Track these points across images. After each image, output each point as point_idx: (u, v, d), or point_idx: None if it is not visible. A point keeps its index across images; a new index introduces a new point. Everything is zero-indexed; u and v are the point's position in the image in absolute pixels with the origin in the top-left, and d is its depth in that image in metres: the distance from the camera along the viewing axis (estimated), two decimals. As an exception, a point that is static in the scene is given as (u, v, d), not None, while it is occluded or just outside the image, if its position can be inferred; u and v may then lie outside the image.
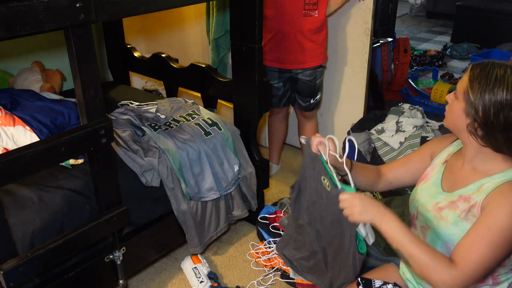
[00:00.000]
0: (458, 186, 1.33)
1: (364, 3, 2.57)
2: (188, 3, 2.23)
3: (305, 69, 2.56)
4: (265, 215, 2.39)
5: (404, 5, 7.45)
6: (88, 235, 1.56)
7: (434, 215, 1.36)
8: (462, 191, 1.30)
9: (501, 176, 1.23)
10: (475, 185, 1.27)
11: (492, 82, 1.17)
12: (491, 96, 1.16)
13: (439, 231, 1.33)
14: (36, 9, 1.19)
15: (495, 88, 1.16)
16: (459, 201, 1.29)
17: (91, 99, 1.43)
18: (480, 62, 1.23)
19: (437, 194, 1.37)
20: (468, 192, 1.28)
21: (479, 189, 1.25)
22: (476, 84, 1.18)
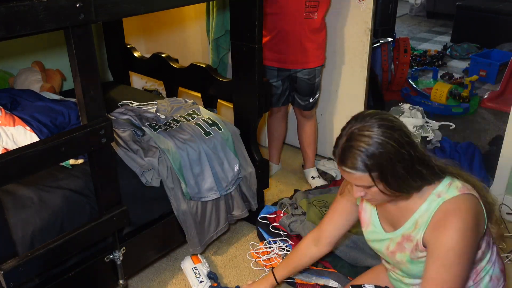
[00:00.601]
0: (396, 225, 1.39)
1: (364, 3, 2.57)
2: (188, 3, 2.23)
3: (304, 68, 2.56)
4: (265, 215, 2.39)
5: (404, 5, 7.45)
6: (88, 235, 1.56)
7: (392, 260, 1.43)
8: (402, 229, 1.36)
9: (426, 206, 1.29)
10: (410, 222, 1.33)
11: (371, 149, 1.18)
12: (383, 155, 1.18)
13: (407, 272, 1.40)
14: (36, 9, 1.19)
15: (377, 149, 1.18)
16: (404, 242, 1.35)
17: (91, 99, 1.43)
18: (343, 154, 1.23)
19: (383, 238, 1.43)
20: (408, 231, 1.34)
21: (415, 226, 1.31)
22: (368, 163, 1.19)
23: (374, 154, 1.17)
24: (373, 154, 1.17)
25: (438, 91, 3.80)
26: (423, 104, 3.74)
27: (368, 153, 1.18)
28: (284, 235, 2.26)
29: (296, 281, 2.04)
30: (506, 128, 2.35)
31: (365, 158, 1.18)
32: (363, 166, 1.19)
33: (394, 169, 1.19)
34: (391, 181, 1.21)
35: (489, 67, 4.43)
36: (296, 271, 1.80)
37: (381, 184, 1.21)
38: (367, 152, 1.18)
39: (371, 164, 1.18)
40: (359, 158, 1.18)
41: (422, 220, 1.29)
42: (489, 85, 4.40)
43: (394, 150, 1.18)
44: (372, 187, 1.24)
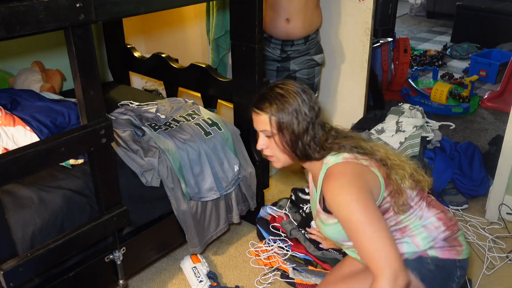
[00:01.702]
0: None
1: (364, 3, 2.57)
2: (188, 3, 2.23)
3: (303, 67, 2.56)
4: (265, 215, 2.39)
5: (404, 5, 7.45)
6: (88, 235, 1.56)
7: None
8: (314, 196, 1.50)
9: (321, 174, 1.38)
10: (314, 190, 1.48)
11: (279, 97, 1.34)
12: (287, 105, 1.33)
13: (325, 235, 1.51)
14: (36, 9, 1.19)
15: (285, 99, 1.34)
16: (317, 205, 1.46)
17: (91, 99, 1.43)
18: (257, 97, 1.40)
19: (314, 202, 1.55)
20: (318, 196, 1.45)
21: (317, 193, 1.44)
22: (274, 107, 1.34)
23: (279, 101, 1.33)
24: (279, 101, 1.33)
25: (438, 91, 3.80)
26: (423, 104, 3.74)
27: (275, 98, 1.33)
28: (284, 236, 2.27)
29: (296, 281, 2.04)
30: (506, 128, 2.35)
31: (271, 102, 1.33)
32: (267, 109, 1.34)
33: (290, 123, 1.32)
34: (285, 134, 1.33)
35: (489, 67, 4.43)
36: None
37: (277, 134, 1.34)
38: (275, 97, 1.34)
39: (274, 109, 1.33)
40: (267, 100, 1.34)
41: (319, 185, 1.39)
42: (489, 85, 4.40)
43: (299, 107, 1.33)
44: (272, 136, 1.36)
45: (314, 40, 2.57)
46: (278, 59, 2.60)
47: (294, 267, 2.09)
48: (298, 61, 2.59)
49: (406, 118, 2.56)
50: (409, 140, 2.46)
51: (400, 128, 2.52)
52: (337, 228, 1.36)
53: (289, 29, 2.50)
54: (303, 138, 1.34)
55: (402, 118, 2.56)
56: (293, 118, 1.32)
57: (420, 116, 2.61)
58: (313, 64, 2.59)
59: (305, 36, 2.54)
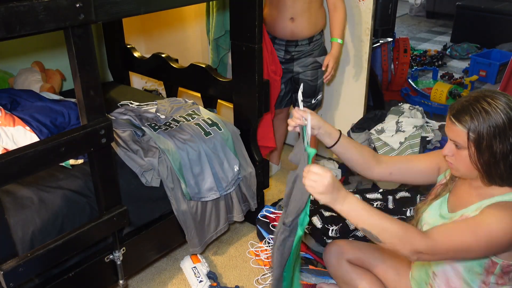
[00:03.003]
0: (461, 206, 1.36)
1: (364, 3, 2.57)
2: (188, 3, 2.22)
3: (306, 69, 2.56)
4: (265, 215, 2.39)
5: (404, 5, 7.45)
6: (88, 235, 1.56)
7: None
8: (464, 211, 1.33)
9: (502, 197, 1.27)
10: (476, 205, 1.30)
11: (483, 113, 1.21)
12: (490, 124, 1.20)
13: None
14: (36, 9, 1.19)
15: (489, 116, 1.20)
16: (459, 220, 1.32)
17: (91, 99, 1.43)
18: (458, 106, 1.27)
19: (444, 215, 1.40)
20: (468, 212, 1.31)
21: (477, 209, 1.28)
22: (475, 123, 1.22)
23: (482, 117, 1.20)
24: (482, 117, 1.21)
25: (438, 91, 3.80)
26: (423, 104, 3.74)
27: (478, 114, 1.21)
28: (284, 235, 2.26)
29: (296, 281, 2.04)
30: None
31: (473, 116, 1.21)
32: (466, 122, 1.22)
33: (491, 142, 1.21)
34: (483, 152, 1.22)
35: (489, 67, 4.43)
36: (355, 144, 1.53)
37: (473, 149, 1.23)
38: (478, 113, 1.21)
39: (475, 124, 1.21)
40: (469, 114, 1.22)
41: (486, 204, 1.27)
42: (489, 85, 4.40)
43: (503, 126, 1.20)
44: (462, 150, 1.26)
45: (318, 41, 2.57)
46: (282, 60, 2.59)
47: (294, 267, 2.09)
48: (301, 63, 2.59)
49: (406, 118, 2.56)
50: (409, 140, 2.46)
51: (400, 128, 2.52)
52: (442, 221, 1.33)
53: (294, 28, 2.50)
54: (503, 160, 1.22)
55: (402, 118, 2.56)
56: (495, 139, 1.20)
57: (420, 116, 2.61)
58: (316, 66, 2.59)
59: (310, 37, 2.54)
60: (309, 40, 2.54)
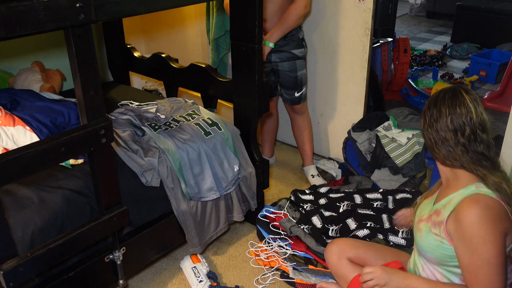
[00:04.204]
0: (437, 200, 1.45)
1: (364, 3, 2.57)
2: (188, 3, 2.22)
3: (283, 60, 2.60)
4: (265, 215, 2.39)
5: (404, 5, 7.45)
6: (88, 235, 1.56)
7: (416, 227, 1.49)
8: (437, 205, 1.42)
9: (463, 191, 1.34)
10: (446, 199, 1.38)
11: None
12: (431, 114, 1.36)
13: (416, 241, 1.47)
14: (36, 9, 1.19)
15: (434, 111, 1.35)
16: (434, 215, 1.41)
17: (91, 99, 1.43)
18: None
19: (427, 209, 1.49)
20: (440, 206, 1.39)
21: (448, 203, 1.36)
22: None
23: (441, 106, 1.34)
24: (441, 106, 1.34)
25: (438, 91, 3.80)
26: (423, 104, 3.74)
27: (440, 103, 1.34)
28: (284, 234, 2.27)
29: (296, 281, 2.04)
30: (506, 128, 2.35)
31: (434, 104, 1.35)
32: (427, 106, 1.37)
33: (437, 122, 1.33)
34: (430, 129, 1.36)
35: (489, 67, 4.43)
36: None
37: (425, 124, 1.37)
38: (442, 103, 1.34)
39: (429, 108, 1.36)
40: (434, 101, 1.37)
41: (453, 202, 1.34)
42: (489, 85, 4.40)
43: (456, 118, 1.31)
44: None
45: (294, 37, 2.58)
46: None
47: (294, 267, 2.09)
48: (278, 54, 2.61)
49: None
50: (417, 137, 2.48)
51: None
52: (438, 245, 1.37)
53: (267, 28, 2.54)
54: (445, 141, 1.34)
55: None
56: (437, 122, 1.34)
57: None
58: (292, 57, 2.60)
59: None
60: (283, 37, 2.56)
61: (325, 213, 2.28)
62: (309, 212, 2.31)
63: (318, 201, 2.43)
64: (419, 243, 1.44)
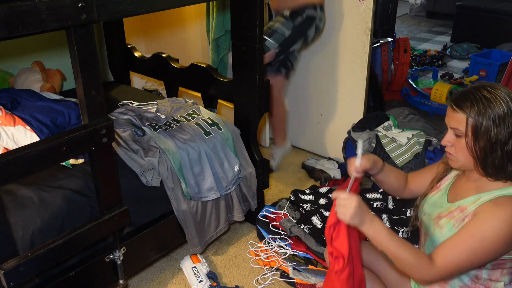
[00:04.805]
0: (459, 197, 1.38)
1: (364, 3, 2.57)
2: (188, 3, 2.22)
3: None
4: (265, 215, 2.39)
5: (404, 5, 7.45)
6: (88, 235, 1.56)
7: (434, 223, 1.42)
8: (461, 202, 1.36)
9: (500, 191, 1.28)
10: (473, 197, 1.33)
11: (484, 100, 1.23)
12: (490, 111, 1.22)
13: (434, 238, 1.40)
14: (39, 8, 1.20)
15: (490, 103, 1.22)
16: (456, 211, 1.36)
17: (92, 98, 1.43)
18: (459, 94, 1.30)
19: (442, 204, 1.43)
20: (466, 203, 1.34)
21: (476, 201, 1.31)
22: (475, 109, 1.23)
23: (483, 105, 1.22)
24: (483, 104, 1.22)
25: (438, 91, 3.80)
26: (423, 104, 3.75)
27: (478, 100, 1.22)
28: (284, 234, 2.27)
29: (295, 281, 2.04)
30: (506, 129, 2.35)
31: (473, 103, 1.23)
32: (467, 109, 1.24)
33: (489, 130, 1.22)
34: (480, 140, 1.23)
35: (489, 67, 4.43)
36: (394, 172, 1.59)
37: (470, 137, 1.25)
38: (478, 99, 1.23)
39: (475, 111, 1.22)
40: (469, 101, 1.24)
41: (486, 199, 1.29)
42: (489, 85, 4.40)
43: (502, 114, 1.21)
44: (462, 138, 1.27)
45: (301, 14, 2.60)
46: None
47: (294, 267, 2.09)
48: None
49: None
50: (417, 137, 2.48)
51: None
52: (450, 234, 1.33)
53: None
54: (500, 149, 1.23)
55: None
56: (494, 125, 1.21)
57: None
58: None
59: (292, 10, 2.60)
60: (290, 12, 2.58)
61: (325, 213, 2.29)
62: (309, 212, 2.31)
63: (318, 201, 2.43)
64: (439, 239, 1.37)
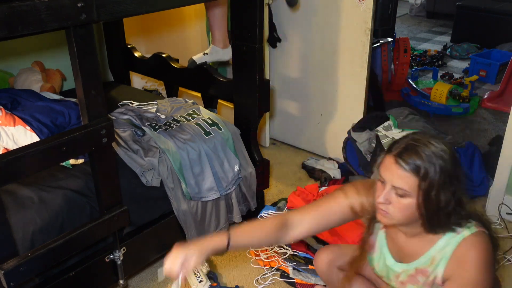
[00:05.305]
0: (409, 258, 1.33)
1: (364, 3, 2.57)
2: (188, 3, 2.23)
3: None
4: (265, 215, 2.39)
5: (404, 5, 7.45)
6: (88, 235, 1.56)
7: (398, 287, 1.37)
8: (416, 263, 1.31)
9: (444, 243, 1.24)
10: (425, 257, 1.28)
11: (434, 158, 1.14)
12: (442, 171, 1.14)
13: None
14: (38, 8, 1.20)
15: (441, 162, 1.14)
16: (417, 275, 1.31)
17: (92, 99, 1.43)
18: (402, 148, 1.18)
19: (392, 265, 1.38)
20: (422, 265, 1.29)
21: (431, 262, 1.27)
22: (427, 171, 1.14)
23: (435, 165, 1.13)
24: (434, 164, 1.13)
25: (438, 91, 3.80)
26: (423, 104, 3.75)
27: (431, 160, 1.13)
28: (284, 235, 2.27)
29: (296, 281, 2.04)
30: (506, 128, 2.35)
31: (426, 163, 1.13)
32: (419, 169, 1.13)
33: (440, 191, 1.15)
34: (430, 201, 1.15)
35: (489, 67, 4.43)
36: (251, 239, 1.44)
37: (421, 198, 1.15)
38: (431, 158, 1.13)
39: (427, 173, 1.13)
40: (421, 159, 1.13)
41: (440, 256, 1.25)
42: (489, 85, 4.40)
43: (452, 172, 1.15)
44: (406, 197, 1.17)
45: None
46: None
47: (294, 267, 2.09)
48: None
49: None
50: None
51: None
52: None
53: None
54: (445, 210, 1.17)
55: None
56: (443, 187, 1.14)
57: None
58: None
59: None
60: None
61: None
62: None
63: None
64: None
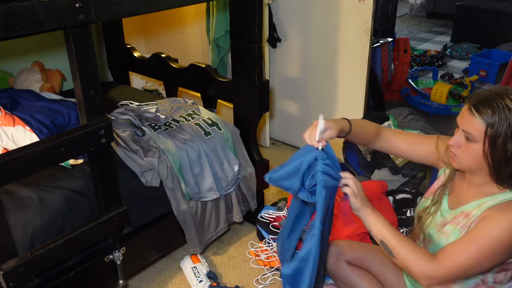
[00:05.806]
0: (461, 203, 1.36)
1: (364, 3, 2.57)
2: (188, 3, 2.22)
3: None
4: (265, 215, 2.39)
5: (404, 5, 7.44)
6: (88, 235, 1.56)
7: (437, 230, 1.40)
8: (464, 207, 1.33)
9: (503, 195, 1.26)
10: (476, 202, 1.31)
11: (506, 110, 1.18)
12: (511, 122, 1.18)
13: (440, 244, 1.37)
14: (36, 9, 1.20)
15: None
16: (460, 217, 1.33)
17: (91, 99, 1.43)
18: (480, 98, 1.23)
19: (443, 212, 1.41)
20: (469, 208, 1.31)
21: (479, 206, 1.29)
22: (496, 118, 1.19)
23: (505, 114, 1.17)
24: (505, 113, 1.17)
25: (438, 91, 3.80)
26: (423, 104, 3.74)
27: (500, 109, 1.18)
28: (284, 235, 2.27)
29: (296, 281, 2.04)
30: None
31: (495, 111, 1.18)
32: (487, 116, 1.19)
33: (506, 142, 1.18)
34: (497, 149, 1.19)
35: (489, 67, 4.43)
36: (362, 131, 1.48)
37: (487, 145, 1.20)
38: (501, 109, 1.18)
39: (495, 120, 1.18)
40: (491, 108, 1.18)
41: (490, 203, 1.27)
42: (489, 85, 4.40)
43: None
44: (475, 143, 1.23)
45: None
46: None
47: (294, 267, 2.09)
48: None
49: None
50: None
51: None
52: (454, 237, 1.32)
53: None
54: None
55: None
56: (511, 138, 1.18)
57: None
58: None
59: None
60: None
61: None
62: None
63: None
64: (442, 245, 1.35)
